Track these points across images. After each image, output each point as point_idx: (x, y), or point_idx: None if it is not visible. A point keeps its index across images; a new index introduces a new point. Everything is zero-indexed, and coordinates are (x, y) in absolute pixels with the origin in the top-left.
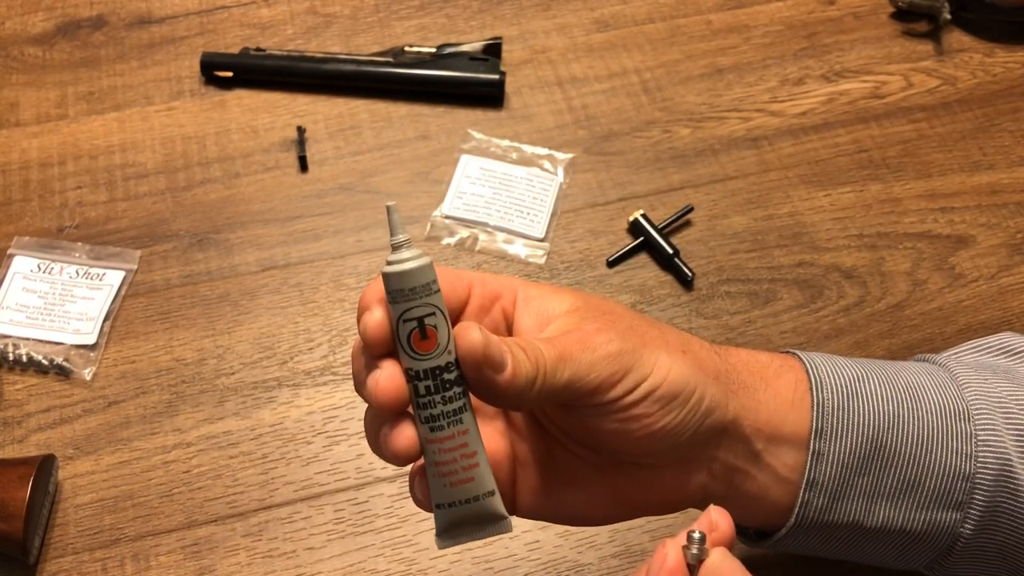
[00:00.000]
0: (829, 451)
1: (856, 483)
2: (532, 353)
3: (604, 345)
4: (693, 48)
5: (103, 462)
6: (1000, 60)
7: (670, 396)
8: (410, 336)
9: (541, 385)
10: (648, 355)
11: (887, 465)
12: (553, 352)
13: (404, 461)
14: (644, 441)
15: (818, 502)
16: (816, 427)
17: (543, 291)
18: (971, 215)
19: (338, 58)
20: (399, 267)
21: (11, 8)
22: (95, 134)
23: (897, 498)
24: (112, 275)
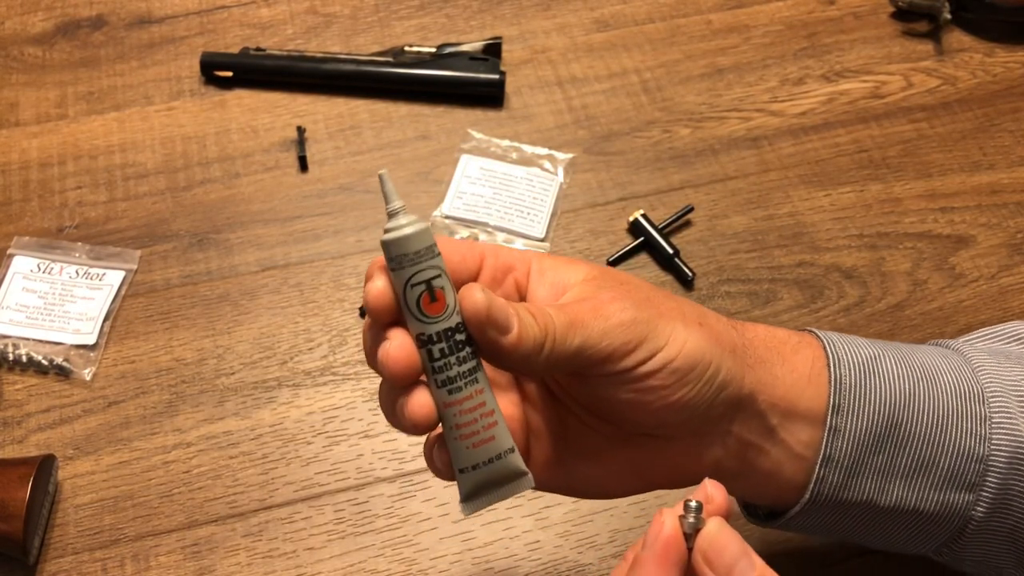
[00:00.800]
0: (846, 427)
1: (871, 461)
2: (541, 318)
3: (618, 313)
4: (693, 48)
5: (103, 462)
6: (1000, 60)
7: (686, 368)
8: (419, 300)
9: (551, 350)
10: (664, 326)
11: (902, 443)
12: (564, 318)
13: (423, 429)
14: (659, 412)
15: (833, 478)
16: (834, 403)
17: (558, 262)
18: (971, 215)
19: (338, 58)
20: (399, 232)
21: (11, 8)
22: (95, 134)
23: (911, 477)
24: (112, 275)
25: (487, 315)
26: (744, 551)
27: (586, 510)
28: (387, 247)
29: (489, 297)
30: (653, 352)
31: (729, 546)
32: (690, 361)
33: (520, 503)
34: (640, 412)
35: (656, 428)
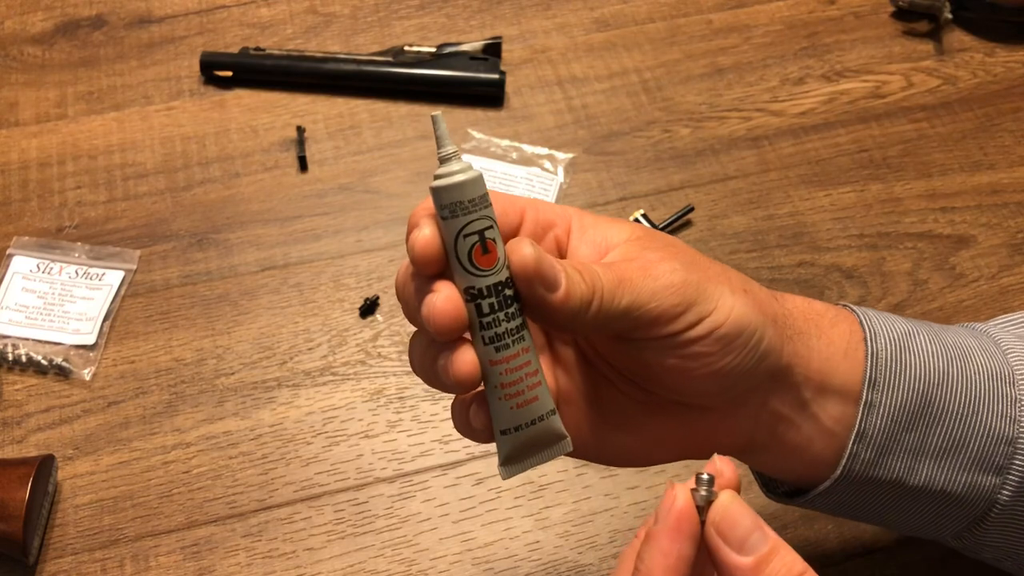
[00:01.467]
0: (881, 402)
1: (903, 438)
2: (588, 275)
3: (667, 275)
4: (693, 48)
5: (102, 462)
6: (1001, 60)
7: (733, 335)
8: (471, 251)
9: (598, 309)
10: (712, 290)
11: (934, 422)
12: (612, 276)
13: (467, 388)
14: (701, 380)
15: (866, 455)
16: (870, 377)
17: (599, 220)
18: (972, 215)
19: (338, 58)
20: (454, 179)
21: (11, 8)
22: (94, 134)
23: (941, 457)
24: (111, 275)
25: (535, 270)
26: (757, 524)
27: (586, 510)
28: (439, 194)
29: (538, 252)
30: (702, 316)
31: (742, 518)
32: (737, 328)
33: (520, 503)
34: (682, 379)
35: (695, 397)
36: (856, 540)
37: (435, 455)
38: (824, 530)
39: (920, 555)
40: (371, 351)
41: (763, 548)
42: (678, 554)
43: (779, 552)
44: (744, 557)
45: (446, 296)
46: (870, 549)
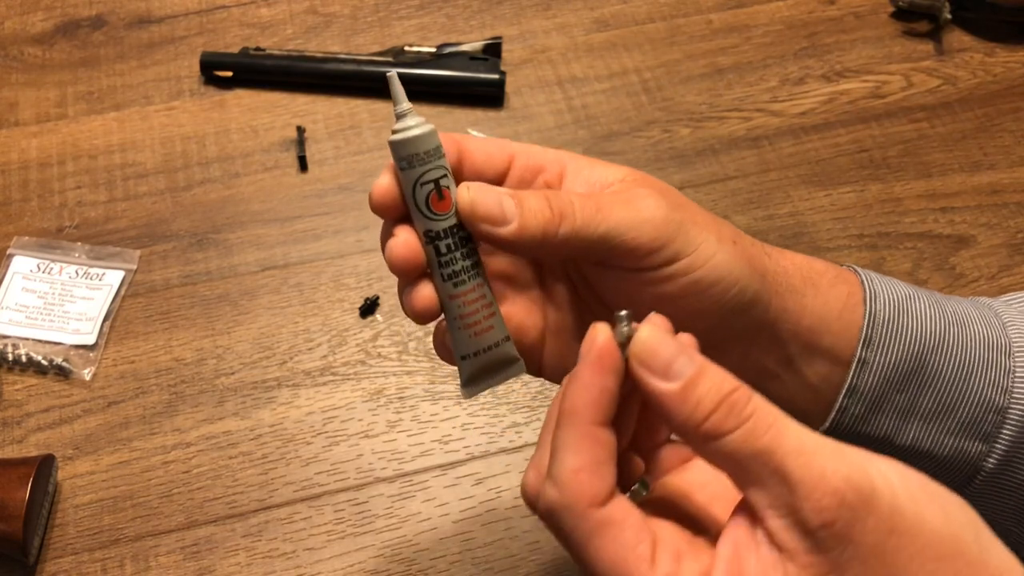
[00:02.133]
0: (874, 360)
1: (894, 398)
2: (557, 203)
3: (650, 209)
4: (693, 48)
5: (102, 462)
6: (1001, 60)
7: (709, 281)
8: (428, 198)
9: (571, 233)
10: (695, 234)
11: (926, 385)
12: (591, 204)
13: (426, 319)
14: (677, 321)
15: (855, 410)
16: (866, 335)
17: (595, 162)
18: (972, 215)
19: (338, 58)
20: (408, 133)
21: (11, 8)
22: (95, 134)
23: (930, 420)
24: (112, 275)
25: (472, 211)
26: (681, 349)
27: None
28: (397, 147)
29: (475, 194)
30: (679, 256)
31: (664, 346)
32: (715, 275)
33: (520, 503)
34: (658, 311)
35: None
36: None
37: (435, 455)
38: None
39: None
40: (371, 351)
41: (689, 371)
42: (601, 387)
43: (708, 372)
44: (671, 383)
45: (403, 240)
46: None
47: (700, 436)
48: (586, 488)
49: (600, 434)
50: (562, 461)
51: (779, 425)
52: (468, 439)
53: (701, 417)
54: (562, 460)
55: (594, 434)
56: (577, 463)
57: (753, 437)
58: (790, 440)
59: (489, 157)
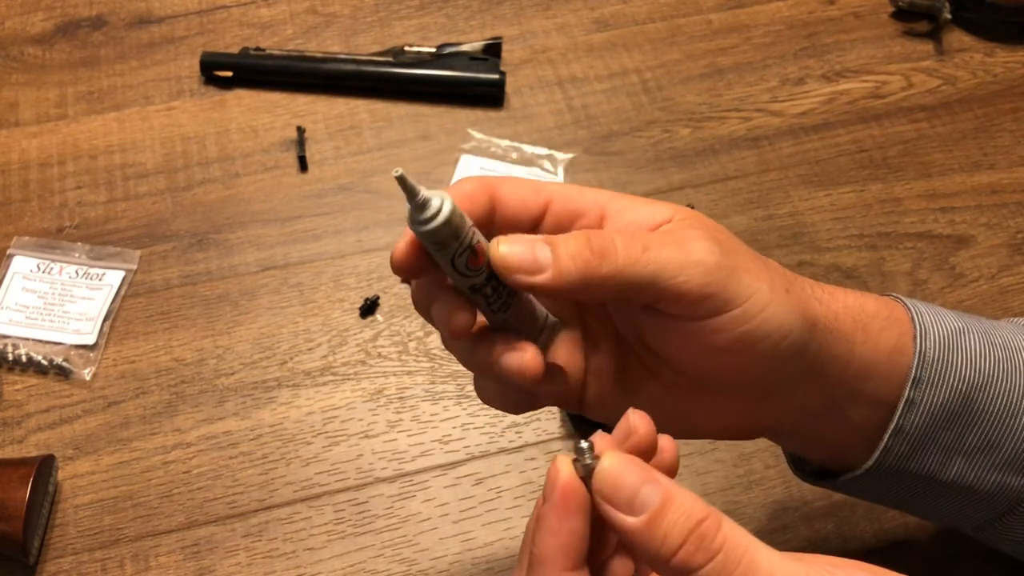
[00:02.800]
0: (922, 401)
1: (940, 436)
2: (598, 243)
3: (701, 252)
4: (693, 48)
5: (103, 462)
6: (1001, 60)
7: (759, 336)
8: (466, 263)
9: (612, 273)
10: (748, 282)
11: (972, 423)
12: (637, 244)
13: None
14: (721, 372)
15: (900, 449)
16: (915, 376)
17: (638, 202)
18: (971, 215)
19: (338, 58)
20: (436, 221)
21: (11, 8)
22: (95, 134)
23: (974, 456)
24: (112, 275)
25: (505, 265)
26: (646, 478)
27: None
28: (427, 237)
29: (505, 248)
30: (729, 305)
31: (625, 477)
32: (767, 328)
33: (520, 503)
34: (702, 364)
35: (717, 385)
36: (856, 541)
37: (435, 455)
38: (824, 530)
39: (920, 557)
40: (371, 351)
41: (654, 502)
42: (569, 531)
43: (674, 502)
44: (635, 517)
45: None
46: (870, 550)
47: (671, 569)
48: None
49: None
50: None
51: (750, 556)
52: (468, 439)
53: (669, 552)
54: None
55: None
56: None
57: (725, 572)
58: (762, 572)
59: (523, 203)
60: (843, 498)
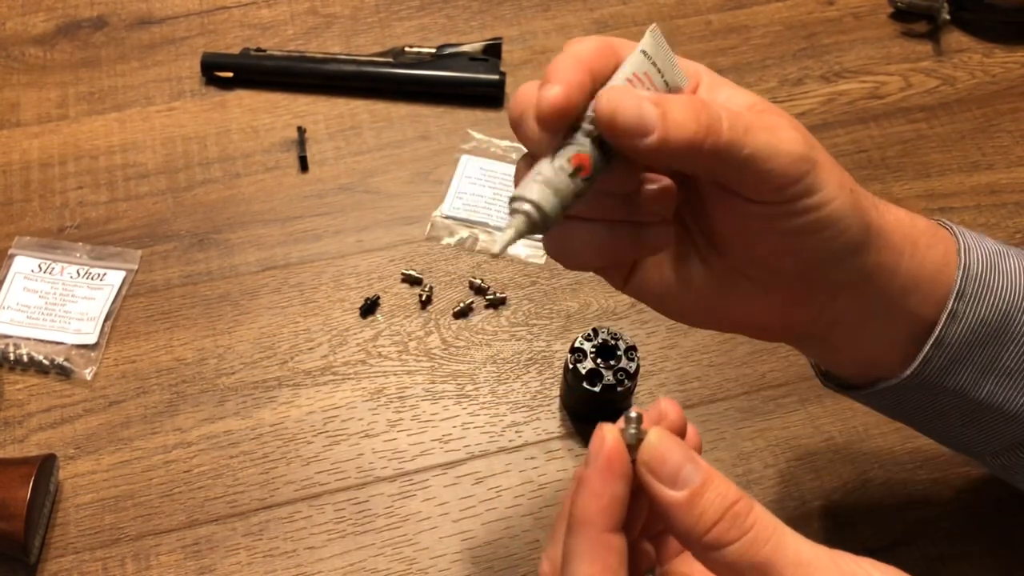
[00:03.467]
0: (965, 314)
1: (977, 353)
2: (706, 117)
3: (791, 142)
4: (693, 48)
5: (104, 462)
6: (999, 60)
7: (824, 224)
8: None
9: (715, 149)
10: (823, 175)
11: (1009, 342)
12: (741, 123)
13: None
14: (774, 260)
15: (939, 361)
16: (959, 289)
17: (725, 82)
18: (970, 215)
19: (338, 58)
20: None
21: (12, 8)
22: (96, 134)
23: (1007, 377)
24: (113, 275)
25: (612, 122)
26: (688, 457)
27: None
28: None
29: (615, 102)
30: (807, 192)
31: (672, 453)
32: (831, 219)
33: (520, 503)
34: (756, 248)
35: (767, 272)
36: (856, 540)
37: (435, 454)
38: (823, 530)
39: (920, 554)
40: (371, 351)
41: (696, 480)
42: (611, 495)
43: (713, 482)
44: (677, 492)
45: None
46: (871, 550)
47: (703, 545)
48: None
49: (611, 541)
50: (575, 570)
51: (778, 536)
52: (468, 438)
53: (705, 527)
54: (575, 569)
55: (605, 541)
56: (589, 572)
57: (753, 549)
58: (788, 553)
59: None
60: (843, 497)
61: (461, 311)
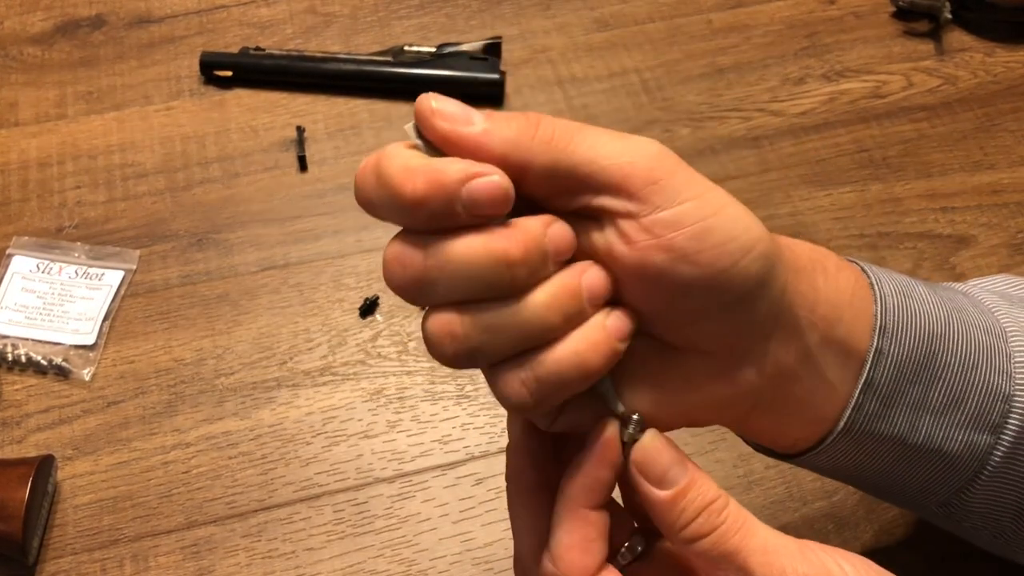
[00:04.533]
0: (890, 350)
1: (907, 391)
2: (533, 116)
3: (644, 143)
4: (693, 48)
5: (102, 462)
6: (1001, 60)
7: (725, 235)
8: None
9: (547, 140)
10: (700, 183)
11: (937, 375)
12: (571, 124)
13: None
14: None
15: (871, 407)
16: (880, 323)
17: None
18: (972, 215)
19: (338, 58)
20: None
21: (10, 7)
22: (94, 134)
23: (941, 413)
24: (111, 275)
25: (430, 111)
26: (676, 459)
27: None
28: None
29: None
30: (681, 195)
31: (661, 455)
32: (730, 227)
33: None
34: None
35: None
36: (856, 541)
37: (435, 455)
38: (824, 530)
39: (920, 555)
40: (371, 351)
41: (681, 481)
42: (597, 477)
43: (696, 483)
44: (662, 491)
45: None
46: (871, 550)
47: (682, 539)
48: (576, 563)
49: (591, 516)
50: (557, 538)
51: (747, 527)
52: (468, 439)
53: (684, 523)
54: (557, 537)
55: (585, 516)
56: (569, 541)
57: (723, 539)
58: (756, 541)
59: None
60: (843, 498)
61: None
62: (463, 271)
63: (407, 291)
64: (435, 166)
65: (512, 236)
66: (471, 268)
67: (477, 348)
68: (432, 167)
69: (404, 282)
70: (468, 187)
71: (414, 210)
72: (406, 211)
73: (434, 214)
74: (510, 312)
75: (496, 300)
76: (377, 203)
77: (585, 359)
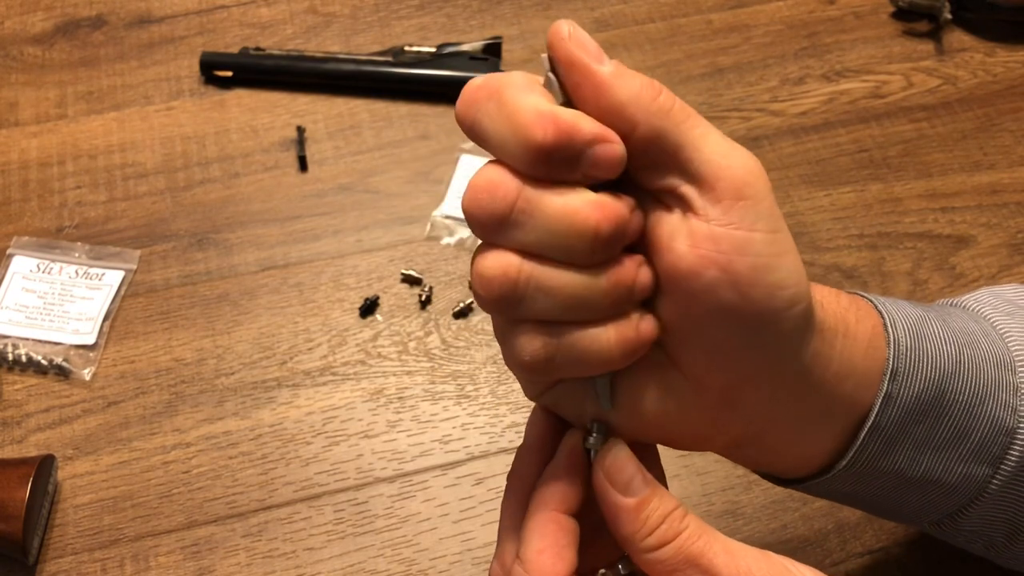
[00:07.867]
0: (899, 394)
1: (912, 430)
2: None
3: (747, 154)
4: (693, 48)
5: (102, 462)
6: (1001, 60)
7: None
8: None
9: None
10: (781, 226)
11: (943, 414)
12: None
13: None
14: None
15: (874, 448)
16: (892, 367)
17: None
18: (972, 215)
19: (338, 58)
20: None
21: (10, 8)
22: (94, 134)
23: (943, 449)
24: (111, 275)
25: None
26: (639, 469)
27: None
28: None
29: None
30: (759, 226)
31: (627, 465)
32: (787, 275)
33: None
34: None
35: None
36: (856, 540)
37: (435, 455)
38: (824, 530)
39: (920, 555)
40: (371, 351)
41: (644, 491)
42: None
43: (657, 494)
44: (628, 498)
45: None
46: (870, 549)
47: (645, 547)
48: (548, 567)
49: (562, 520)
50: (529, 543)
51: (708, 533)
52: (468, 439)
53: (648, 530)
54: (529, 542)
55: (556, 520)
56: (541, 545)
57: (687, 544)
58: (718, 544)
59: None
60: None
61: (461, 311)
62: (549, 225)
63: (486, 222)
64: (569, 119)
65: (608, 211)
66: (559, 225)
67: (523, 298)
68: (567, 120)
69: (488, 212)
70: (595, 148)
71: (535, 153)
72: (525, 150)
73: (552, 162)
74: (571, 280)
75: (563, 263)
76: (490, 131)
77: (610, 349)
